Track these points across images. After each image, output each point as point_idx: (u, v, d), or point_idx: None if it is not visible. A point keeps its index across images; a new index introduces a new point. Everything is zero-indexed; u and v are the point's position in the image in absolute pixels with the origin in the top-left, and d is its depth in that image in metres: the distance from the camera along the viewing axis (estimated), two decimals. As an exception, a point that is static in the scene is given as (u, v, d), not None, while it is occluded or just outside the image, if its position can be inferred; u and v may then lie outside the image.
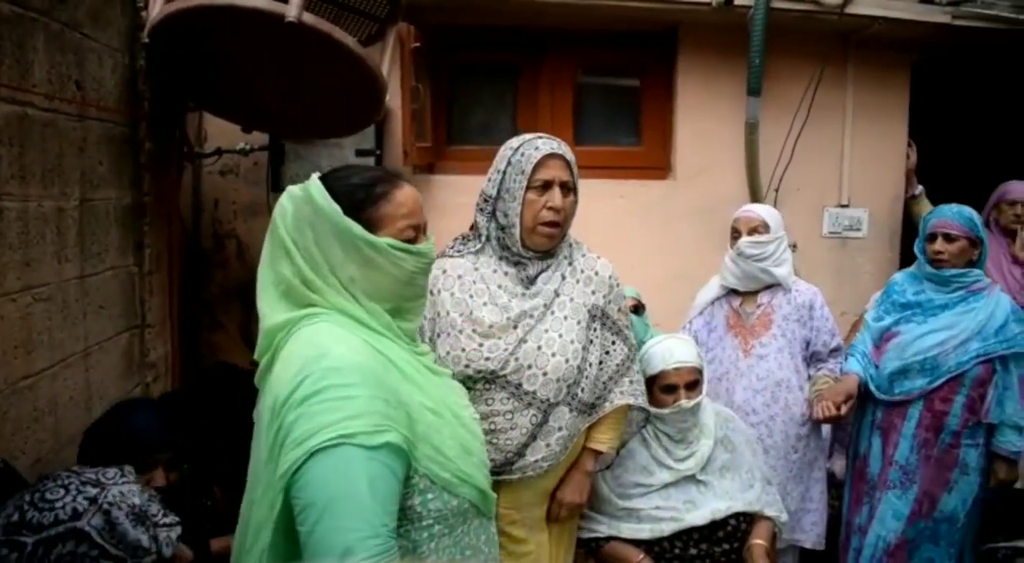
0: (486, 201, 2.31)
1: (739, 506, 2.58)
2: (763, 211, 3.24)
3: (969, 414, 3.02)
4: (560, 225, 2.27)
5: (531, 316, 2.24)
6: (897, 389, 3.09)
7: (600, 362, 2.34)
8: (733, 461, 2.66)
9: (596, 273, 2.37)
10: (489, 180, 2.31)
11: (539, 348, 2.22)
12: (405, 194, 1.56)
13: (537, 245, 2.28)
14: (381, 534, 1.33)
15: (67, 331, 2.47)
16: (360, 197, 1.52)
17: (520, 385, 2.20)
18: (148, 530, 1.50)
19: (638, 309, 3.46)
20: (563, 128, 4.30)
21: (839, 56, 4.18)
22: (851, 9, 3.86)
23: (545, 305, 2.26)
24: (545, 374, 2.21)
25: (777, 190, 4.16)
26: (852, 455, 3.29)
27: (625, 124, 4.39)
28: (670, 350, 2.60)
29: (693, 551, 2.51)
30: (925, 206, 4.31)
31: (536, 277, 2.30)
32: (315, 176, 1.55)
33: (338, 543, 1.29)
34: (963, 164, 4.80)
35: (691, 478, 2.58)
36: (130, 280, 2.93)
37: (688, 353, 2.62)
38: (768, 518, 2.64)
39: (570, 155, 2.32)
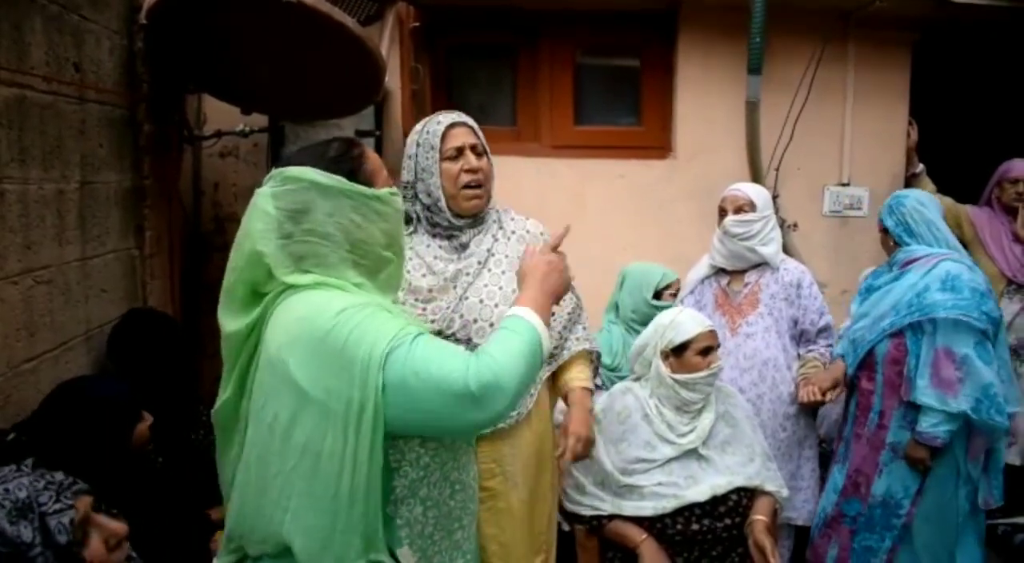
0: (406, 187, 2.37)
1: (740, 481, 2.59)
2: (750, 190, 3.23)
3: (892, 393, 2.97)
4: (482, 184, 2.35)
5: (467, 274, 2.32)
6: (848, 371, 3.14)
7: (552, 313, 2.37)
8: (734, 436, 2.67)
9: (528, 231, 2.45)
10: (404, 168, 2.38)
11: (481, 302, 2.29)
12: (372, 151, 1.69)
13: (465, 209, 2.35)
14: (467, 359, 1.45)
15: (69, 314, 2.47)
16: (348, 166, 1.60)
17: (470, 339, 2.25)
18: (32, 523, 1.50)
19: (670, 289, 3.45)
20: (563, 108, 4.29)
21: (840, 34, 4.15)
22: (852, -13, 3.84)
23: (479, 262, 2.34)
24: (492, 325, 2.25)
25: (778, 169, 4.15)
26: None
27: (625, 104, 4.38)
28: (695, 316, 2.65)
29: (695, 527, 2.53)
30: (926, 184, 4.31)
31: (468, 243, 2.38)
32: (279, 170, 1.59)
33: (447, 366, 1.42)
34: (964, 142, 4.79)
35: (693, 453, 2.60)
36: (131, 263, 2.94)
37: (706, 318, 2.68)
38: (768, 493, 2.65)
39: (472, 122, 2.40)
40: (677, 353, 2.60)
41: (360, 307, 1.48)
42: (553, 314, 2.37)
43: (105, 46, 2.74)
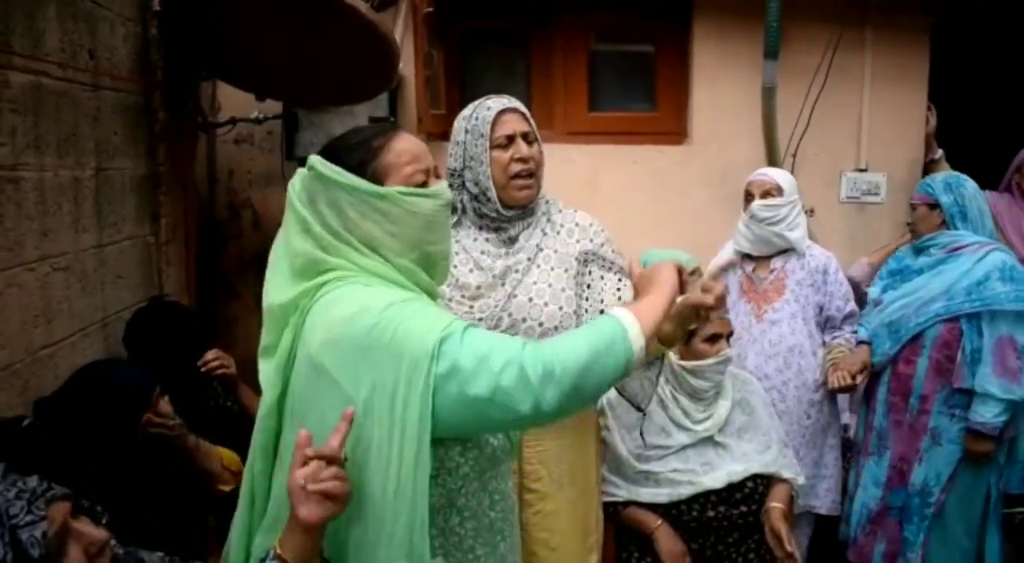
0: (452, 175, 2.30)
1: (756, 468, 2.59)
2: (776, 174, 3.22)
3: (937, 378, 2.97)
4: (533, 174, 2.27)
5: (516, 270, 2.25)
6: (874, 356, 3.10)
7: (612, 306, 2.31)
8: (751, 423, 2.66)
9: (576, 224, 2.37)
10: (451, 154, 2.31)
11: (530, 300, 2.22)
12: (405, 141, 1.56)
13: (515, 199, 2.27)
14: (525, 345, 1.39)
15: (85, 300, 2.48)
16: (360, 155, 1.52)
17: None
18: (2, 537, 1.37)
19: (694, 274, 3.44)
20: (577, 94, 4.27)
21: (857, 19, 4.11)
22: (870, -30, 3.80)
23: (529, 259, 2.27)
24: (541, 324, 2.21)
25: (794, 155, 4.12)
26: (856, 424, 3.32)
27: (640, 90, 4.35)
28: None
29: (711, 513, 2.53)
30: (945, 170, 4.27)
31: (517, 237, 2.31)
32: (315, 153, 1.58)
33: (502, 353, 1.36)
34: (983, 128, 4.74)
35: (709, 440, 2.59)
36: (147, 250, 2.94)
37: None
38: (785, 480, 2.64)
39: (523, 108, 2.32)
40: (685, 340, 2.56)
41: (406, 302, 1.42)
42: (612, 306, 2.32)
43: (119, 33, 2.73)
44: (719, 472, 2.55)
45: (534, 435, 2.24)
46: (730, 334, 2.65)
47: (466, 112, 2.31)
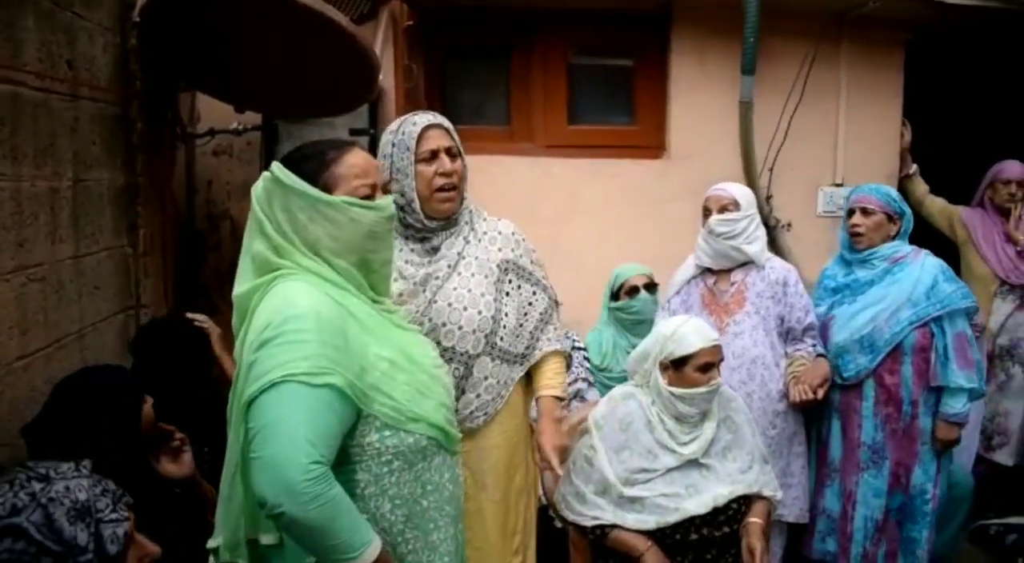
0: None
1: (741, 489, 2.56)
2: (734, 189, 3.24)
3: (919, 381, 3.07)
4: (455, 188, 2.36)
5: (436, 277, 2.34)
6: (844, 372, 3.14)
7: (525, 313, 2.45)
8: (735, 441, 2.64)
9: (499, 232, 2.46)
10: (378, 168, 2.35)
11: (450, 305, 2.31)
12: (355, 156, 1.73)
13: (438, 211, 2.36)
14: (314, 458, 1.47)
15: (62, 312, 2.46)
16: (313, 166, 1.69)
17: (439, 343, 2.26)
18: (88, 527, 1.47)
19: (651, 288, 3.47)
20: (556, 108, 4.29)
21: (833, 35, 4.17)
22: (845, -13, 3.85)
23: (449, 266, 2.35)
24: (460, 328, 2.30)
25: (772, 169, 4.16)
26: (815, 439, 3.30)
27: (619, 104, 4.38)
28: (700, 329, 2.57)
29: (694, 536, 2.51)
30: (919, 185, 4.33)
31: (440, 246, 2.39)
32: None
33: (274, 466, 1.46)
34: (957, 143, 4.81)
35: (694, 462, 2.55)
36: (124, 261, 2.93)
37: (713, 331, 2.63)
38: (765, 497, 2.64)
39: (447, 124, 2.41)
40: (677, 366, 2.53)
41: (312, 318, 1.56)
42: (526, 314, 2.44)
43: (98, 43, 2.73)
44: (704, 495, 2.52)
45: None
46: (720, 361, 2.62)
47: (393, 127, 2.40)
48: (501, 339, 2.37)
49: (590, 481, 2.57)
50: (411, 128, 2.33)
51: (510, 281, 2.42)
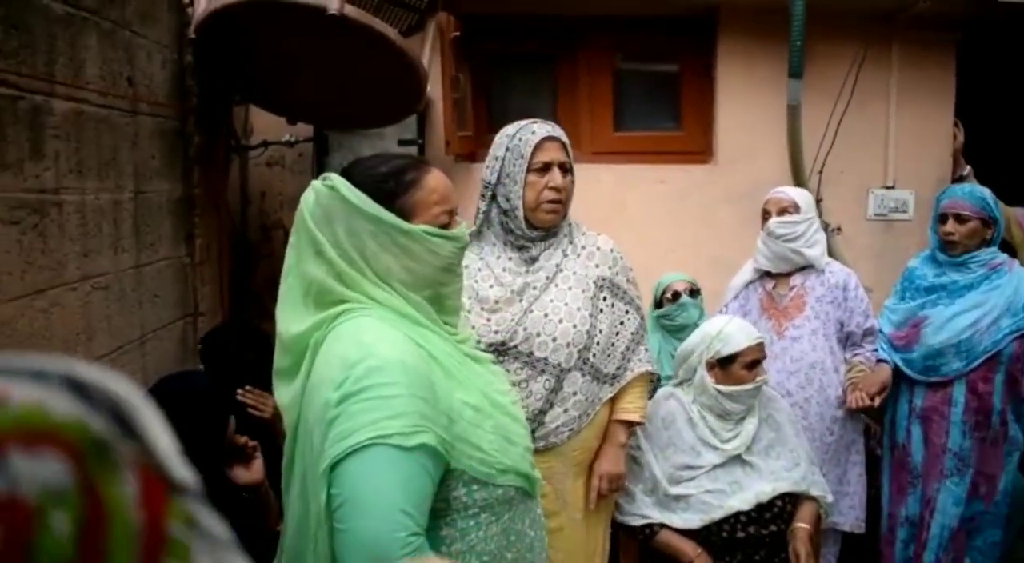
0: (486, 187, 2.38)
1: (785, 486, 2.58)
2: (793, 192, 3.24)
3: (1008, 391, 3.03)
4: (563, 202, 2.35)
5: (534, 288, 2.32)
6: (934, 373, 3.08)
7: (616, 332, 2.42)
8: (778, 440, 2.66)
9: (598, 247, 2.44)
10: (488, 167, 2.38)
11: (546, 316, 2.29)
12: (436, 179, 1.54)
13: (542, 222, 2.35)
14: (412, 531, 1.34)
15: (124, 319, 2.55)
16: (391, 186, 1.49)
17: (532, 353, 2.26)
18: None
19: (694, 293, 3.47)
20: (602, 114, 4.31)
21: (882, 36, 4.12)
22: (894, -12, 3.82)
23: (548, 277, 2.34)
24: (555, 340, 2.28)
25: (820, 173, 4.13)
26: (888, 445, 3.26)
27: (665, 109, 4.38)
28: (744, 328, 2.64)
29: (741, 535, 2.52)
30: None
31: (538, 257, 2.38)
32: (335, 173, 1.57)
33: (369, 540, 1.33)
34: (1011, 144, 4.71)
35: (737, 459, 2.58)
36: (182, 270, 3.02)
37: (755, 330, 2.67)
38: (813, 499, 2.64)
39: (565, 137, 2.40)
40: (723, 365, 2.58)
41: (386, 370, 1.39)
42: (617, 333, 2.42)
43: (156, 60, 2.82)
44: (747, 493, 2.55)
45: (541, 454, 2.25)
46: (763, 358, 2.66)
47: (510, 130, 2.38)
48: (593, 355, 2.34)
49: (639, 480, 2.61)
50: (529, 136, 2.32)
51: (604, 298, 2.40)
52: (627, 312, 2.44)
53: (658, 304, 3.52)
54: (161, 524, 0.37)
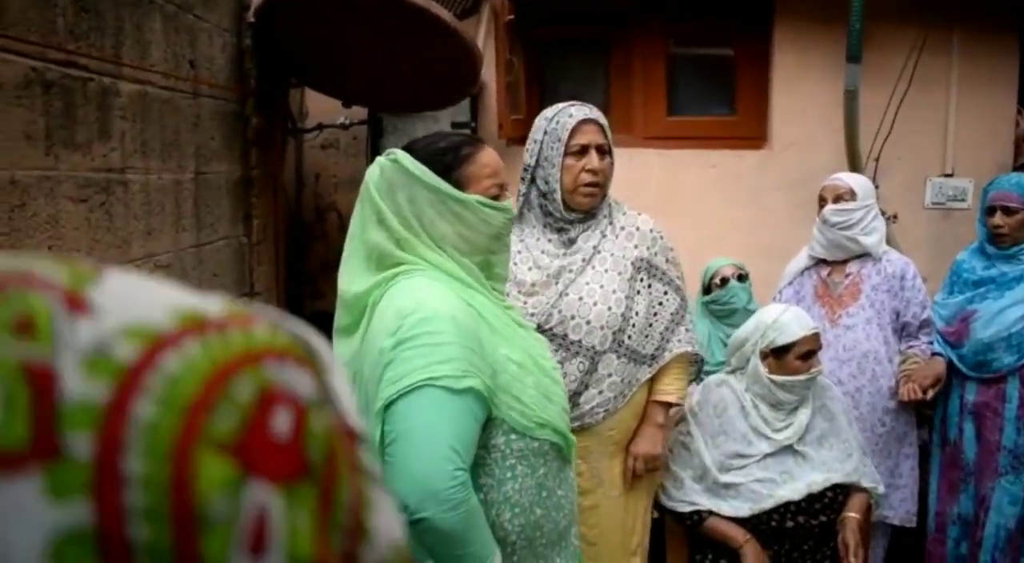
0: (526, 170, 2.39)
1: (837, 477, 2.55)
2: (850, 179, 3.18)
3: None
4: (600, 185, 2.34)
5: (570, 270, 2.32)
6: (985, 369, 3.02)
7: (655, 313, 2.41)
8: (831, 430, 2.63)
9: (637, 228, 2.42)
10: (527, 150, 2.38)
11: (580, 299, 2.29)
12: (488, 155, 1.67)
13: (579, 205, 2.35)
14: (458, 465, 1.42)
15: (185, 297, 2.61)
16: (448, 160, 1.62)
17: (566, 336, 2.27)
18: None
19: (742, 278, 3.46)
20: (656, 99, 4.29)
21: (944, 21, 4.03)
22: (957, -28, 3.74)
23: (584, 260, 2.34)
24: (589, 323, 2.28)
25: (877, 160, 4.06)
26: (939, 442, 3.20)
27: (719, 94, 4.35)
28: (800, 317, 2.59)
29: (790, 524, 2.51)
30: (1035, 175, 4.16)
31: (576, 238, 2.38)
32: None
33: (419, 472, 1.40)
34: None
35: (789, 449, 2.56)
36: (240, 249, 3.08)
37: (811, 319, 2.63)
38: (864, 490, 2.62)
39: (603, 119, 2.39)
40: (777, 354, 2.55)
41: (451, 320, 1.49)
42: (655, 314, 2.42)
43: (217, 43, 2.88)
44: (799, 483, 2.53)
45: (576, 433, 2.22)
46: (819, 348, 2.63)
47: (548, 113, 2.38)
48: (629, 337, 2.34)
49: (688, 467, 2.60)
50: (566, 119, 2.32)
51: (642, 279, 2.39)
52: (666, 293, 2.43)
53: (706, 289, 3.50)
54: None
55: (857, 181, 3.18)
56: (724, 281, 3.42)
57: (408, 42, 2.90)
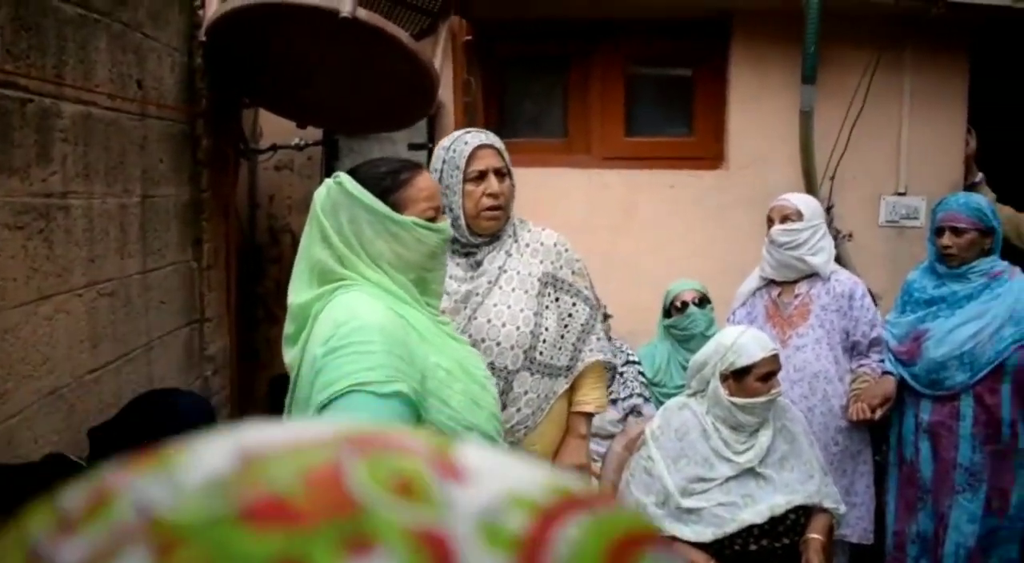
0: None
1: (799, 499, 2.55)
2: (797, 199, 3.20)
3: (1018, 402, 2.95)
4: (502, 208, 2.39)
5: (477, 294, 2.36)
6: (939, 386, 3.03)
7: (565, 325, 2.45)
8: (792, 451, 2.63)
9: (542, 243, 2.47)
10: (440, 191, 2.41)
11: (489, 321, 2.33)
12: (425, 180, 1.79)
13: (484, 229, 2.40)
14: None
15: (130, 325, 2.52)
16: (387, 183, 1.73)
17: None
18: None
19: (703, 302, 3.44)
20: (614, 119, 4.28)
21: (896, 42, 4.09)
22: (909, -7, 3.79)
23: (490, 282, 2.38)
24: (499, 344, 2.32)
25: (833, 178, 4.10)
26: (896, 461, 3.20)
27: (677, 114, 4.36)
28: (759, 339, 2.59)
29: (753, 547, 2.49)
30: (986, 194, 4.21)
31: (483, 260, 2.42)
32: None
33: None
34: (1025, 150, 4.68)
35: (750, 471, 2.55)
36: (189, 275, 2.99)
37: (771, 341, 2.63)
38: (826, 510, 2.61)
39: (499, 144, 2.44)
40: (737, 376, 2.54)
41: (381, 331, 1.58)
42: (566, 326, 2.46)
43: (166, 63, 2.80)
44: (760, 505, 2.52)
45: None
46: (778, 370, 2.62)
47: (445, 142, 2.44)
48: (541, 353, 2.39)
49: (651, 492, 2.58)
50: (462, 147, 2.38)
51: (549, 294, 2.44)
52: (575, 304, 2.48)
53: (667, 313, 3.49)
54: None
55: (804, 201, 3.19)
56: (684, 305, 3.41)
57: (364, 62, 2.85)
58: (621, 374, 3.48)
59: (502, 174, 2.40)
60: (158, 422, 2.12)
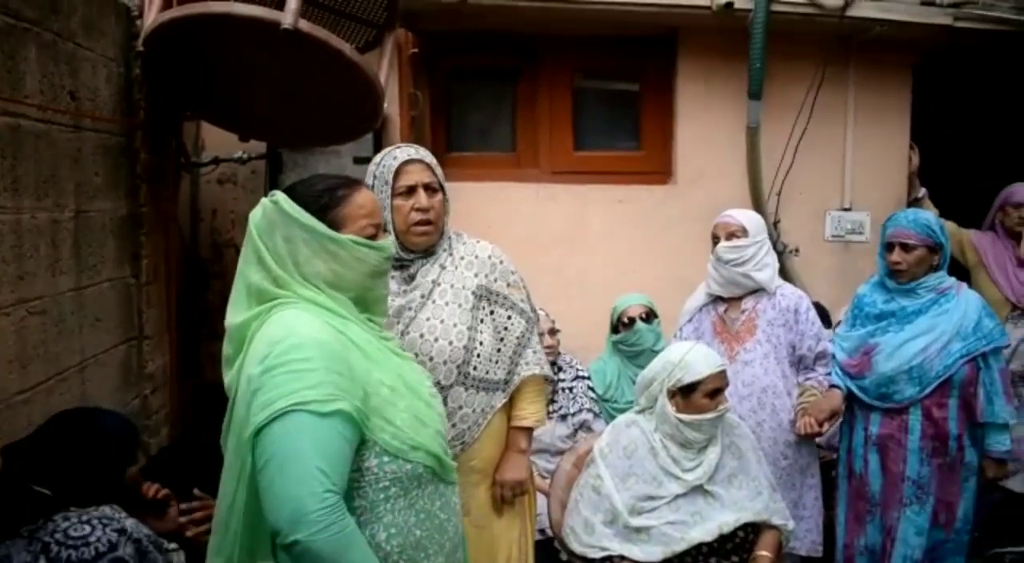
0: None
1: (748, 516, 2.54)
2: (741, 216, 3.21)
3: (964, 416, 3.00)
4: (432, 222, 2.38)
5: (410, 308, 2.35)
6: (888, 400, 3.06)
7: (501, 339, 2.44)
8: (741, 468, 2.62)
9: (476, 256, 2.46)
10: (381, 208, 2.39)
11: (421, 336, 2.32)
12: (364, 196, 1.74)
13: (415, 245, 2.39)
14: (327, 487, 1.47)
15: (63, 344, 2.44)
16: (324, 201, 1.69)
17: None
18: (163, 554, 1.66)
19: (649, 317, 3.44)
20: (562, 133, 4.28)
21: (840, 59, 4.15)
22: (852, 12, 3.85)
23: (423, 296, 2.37)
24: (432, 359, 2.31)
25: (779, 194, 4.14)
26: (845, 473, 3.22)
27: (625, 129, 4.37)
28: (706, 355, 2.59)
29: (703, 566, 2.48)
30: (928, 209, 4.29)
31: (416, 274, 2.41)
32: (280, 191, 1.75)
33: (288, 496, 1.45)
34: (966, 166, 4.78)
35: (699, 489, 2.54)
36: (127, 291, 2.90)
37: (718, 357, 2.63)
38: (774, 527, 2.61)
39: (429, 158, 2.43)
40: (685, 393, 2.54)
41: (319, 346, 1.55)
42: (502, 339, 2.45)
43: (102, 74, 2.72)
44: (710, 523, 2.51)
45: None
46: (726, 386, 2.62)
47: (376, 158, 2.43)
48: (475, 368, 2.37)
49: (599, 510, 2.56)
50: (391, 162, 2.37)
51: (484, 307, 2.43)
52: (510, 317, 2.46)
53: (615, 328, 3.49)
54: None
55: (748, 217, 3.21)
56: (631, 321, 3.41)
57: (308, 75, 2.80)
58: (570, 389, 3.46)
59: (432, 189, 2.39)
60: (76, 440, 2.04)
